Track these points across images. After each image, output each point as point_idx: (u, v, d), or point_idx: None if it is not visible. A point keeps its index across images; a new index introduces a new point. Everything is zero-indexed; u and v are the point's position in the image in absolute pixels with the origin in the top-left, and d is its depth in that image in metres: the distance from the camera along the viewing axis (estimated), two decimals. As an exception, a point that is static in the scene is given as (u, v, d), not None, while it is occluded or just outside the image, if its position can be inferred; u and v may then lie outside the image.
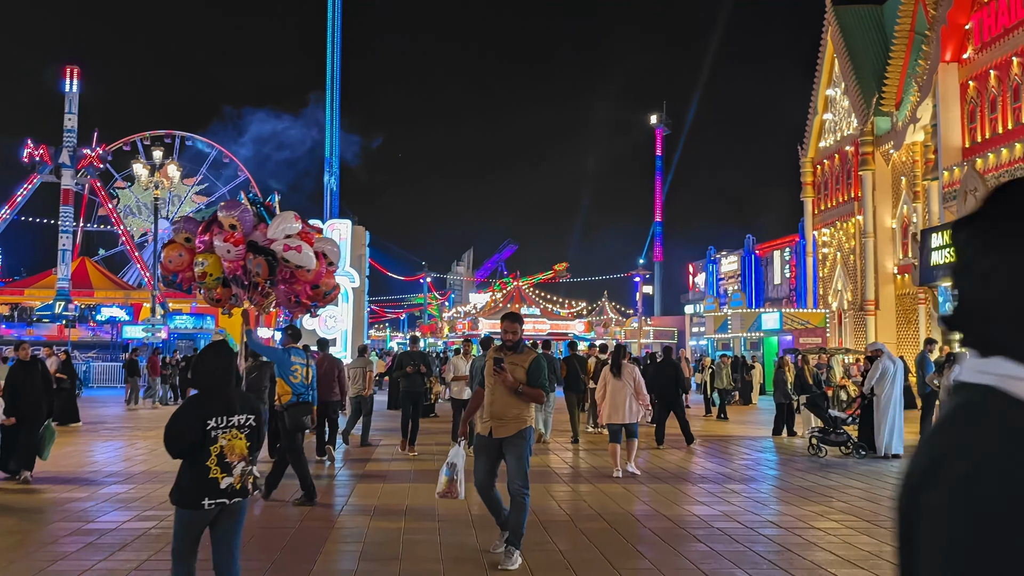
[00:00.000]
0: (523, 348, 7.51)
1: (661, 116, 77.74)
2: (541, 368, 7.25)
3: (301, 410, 9.97)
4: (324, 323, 28.49)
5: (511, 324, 7.43)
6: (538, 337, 43.16)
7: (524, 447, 7.19)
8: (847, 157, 38.16)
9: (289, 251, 9.82)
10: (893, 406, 13.98)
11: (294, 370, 10.13)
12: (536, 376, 7.21)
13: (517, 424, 7.18)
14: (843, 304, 38.09)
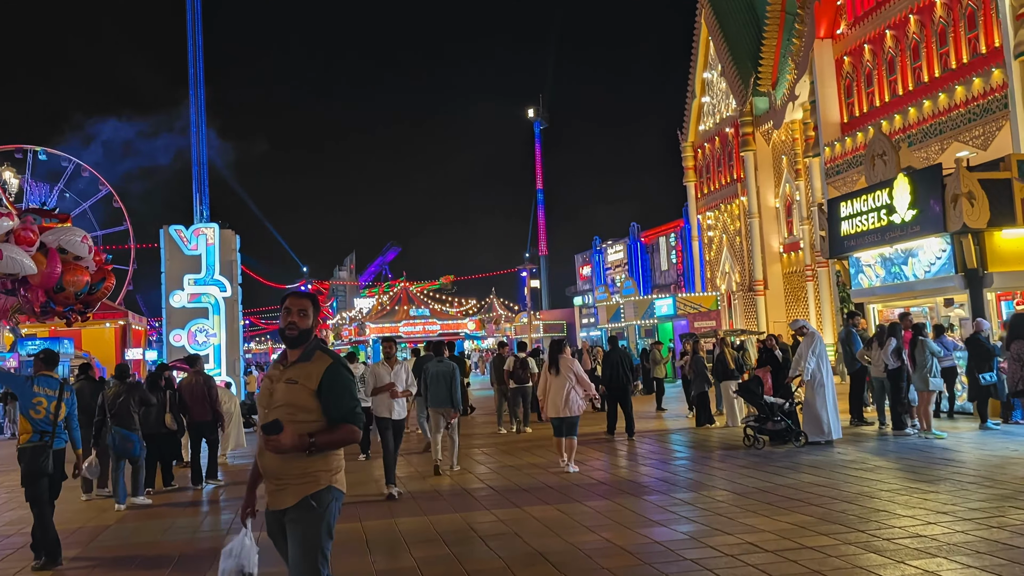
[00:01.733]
0: (314, 351, 4.33)
1: (538, 110, 76.65)
2: (344, 385, 4.26)
3: (38, 453, 7.90)
4: (194, 337, 25.50)
5: (297, 301, 4.37)
6: (429, 338, 40.99)
7: (317, 526, 4.19)
8: (727, 139, 37.52)
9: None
10: (829, 387, 12.57)
11: (37, 402, 7.98)
12: (339, 400, 4.23)
13: (304, 484, 4.20)
14: (732, 286, 37.45)
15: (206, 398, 12.29)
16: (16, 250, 8.18)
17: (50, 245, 8.68)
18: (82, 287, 9.12)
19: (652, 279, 46.22)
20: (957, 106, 23.13)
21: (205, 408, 12.29)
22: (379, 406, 10.82)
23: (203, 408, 12.28)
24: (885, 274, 16.63)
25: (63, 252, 8.90)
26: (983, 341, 13.00)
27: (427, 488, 11.13)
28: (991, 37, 22.54)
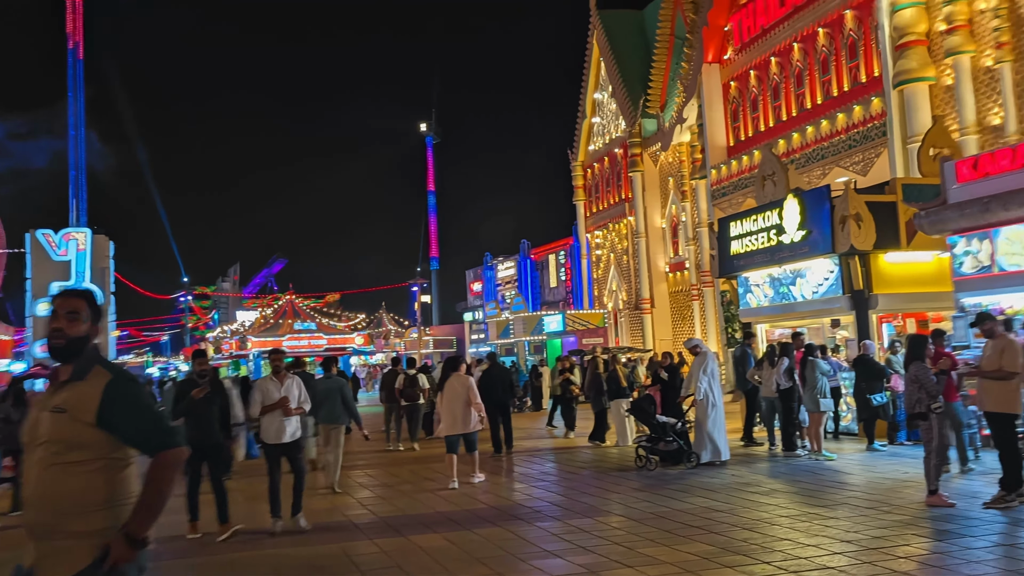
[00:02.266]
0: (89, 367, 3.25)
1: (431, 124, 75.91)
2: (136, 403, 3.21)
3: None
4: (57, 351, 23.59)
5: (66, 302, 3.34)
6: (316, 353, 39.51)
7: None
8: (616, 159, 37.73)
9: None
10: (720, 407, 12.30)
11: None
12: (138, 423, 3.20)
13: (71, 550, 3.07)
14: (619, 304, 37.57)
15: None
16: None
17: None
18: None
19: (542, 296, 46.10)
20: (839, 132, 23.68)
21: None
22: (267, 429, 9.19)
23: None
24: (773, 294, 16.66)
25: None
26: (873, 361, 13.01)
27: (307, 513, 10.18)
28: (871, 67, 23.19)
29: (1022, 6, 18.61)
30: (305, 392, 9.56)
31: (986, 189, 12.25)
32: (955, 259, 13.02)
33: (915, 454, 12.29)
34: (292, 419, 9.29)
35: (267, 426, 9.25)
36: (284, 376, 9.42)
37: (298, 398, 9.35)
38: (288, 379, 9.42)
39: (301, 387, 9.49)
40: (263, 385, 9.37)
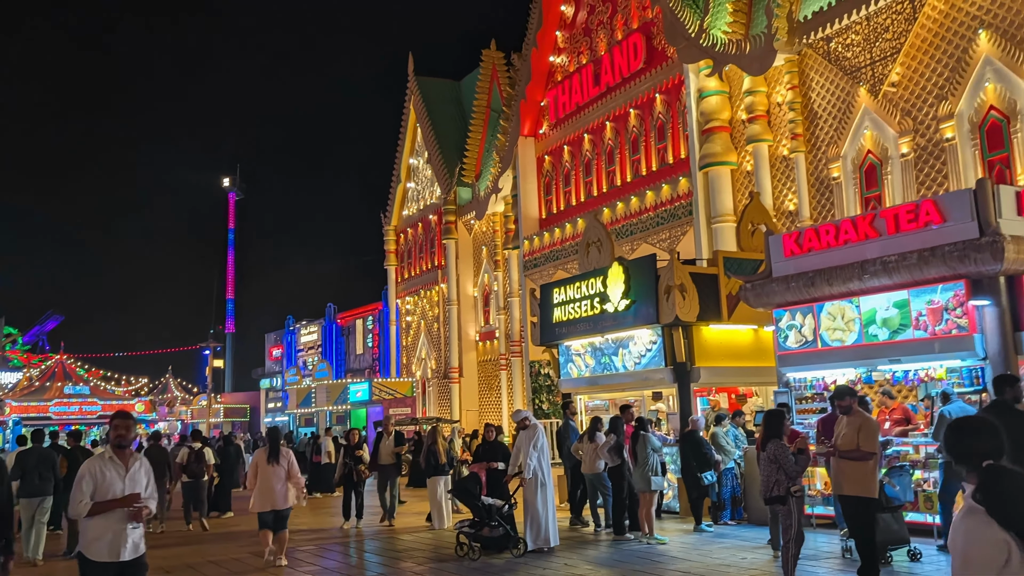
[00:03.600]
0: None
1: (235, 179, 71.99)
2: None
3: None
4: None
5: None
6: (87, 421, 35.01)
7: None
8: (430, 226, 36.74)
9: None
10: (550, 486, 11.07)
11: None
12: None
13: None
14: (427, 372, 36.11)
15: None
16: None
17: None
18: None
19: (347, 363, 43.80)
20: (648, 209, 23.86)
21: None
22: (96, 539, 6.02)
23: None
24: (595, 364, 15.86)
25: None
26: (700, 440, 12.31)
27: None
28: (678, 149, 23.63)
29: (814, 101, 19.49)
30: (154, 482, 6.49)
31: (811, 264, 12.04)
32: (779, 332, 12.70)
33: (744, 535, 11.59)
34: (137, 525, 6.16)
35: (96, 534, 6.03)
36: (130, 456, 6.28)
37: (146, 488, 6.28)
38: (135, 460, 6.30)
39: (150, 474, 6.44)
40: (95, 468, 6.13)
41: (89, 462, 6.20)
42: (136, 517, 6.05)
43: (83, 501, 5.91)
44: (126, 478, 6.10)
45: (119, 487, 6.03)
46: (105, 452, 6.19)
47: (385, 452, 14.79)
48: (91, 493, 5.95)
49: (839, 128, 18.69)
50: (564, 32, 28.63)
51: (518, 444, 11.18)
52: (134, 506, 6.02)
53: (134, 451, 6.39)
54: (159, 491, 10.83)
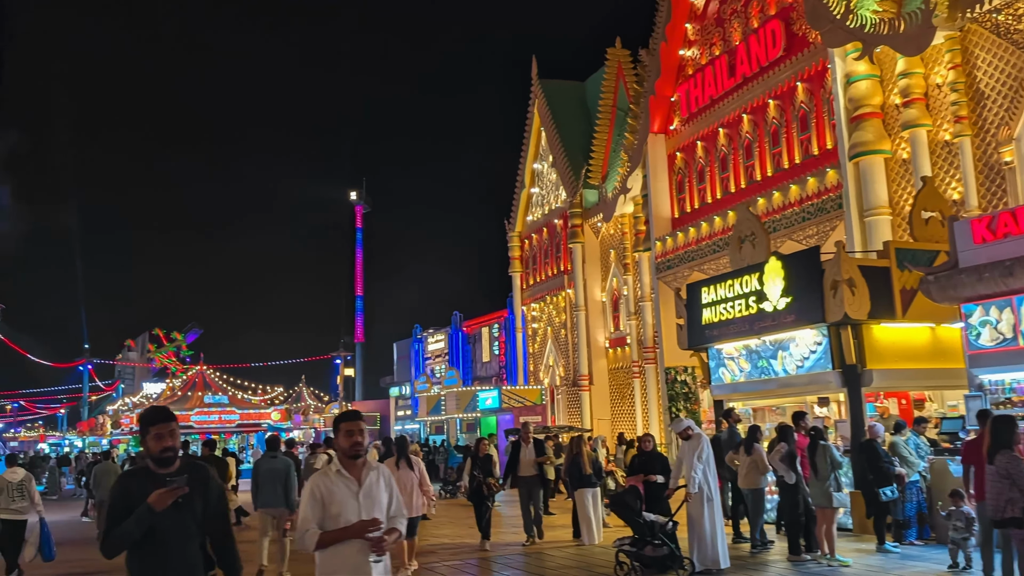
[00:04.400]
0: None
1: (361, 193, 73.60)
2: None
3: None
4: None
5: None
6: (227, 428, 36.15)
7: None
8: (556, 230, 36.11)
9: None
10: (718, 502, 10.12)
11: None
12: None
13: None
14: (555, 380, 35.44)
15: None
16: None
17: None
18: None
19: (473, 371, 43.66)
20: (791, 204, 22.40)
21: None
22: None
23: None
24: (751, 368, 14.73)
25: None
26: (879, 450, 11.06)
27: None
28: (823, 139, 22.15)
29: (981, 80, 17.74)
30: (399, 496, 5.04)
31: (1007, 251, 10.65)
32: (969, 329, 11.31)
33: (935, 557, 10.29)
34: (381, 558, 4.72)
35: (329, 569, 4.67)
36: (363, 468, 4.81)
37: (389, 505, 4.86)
38: (369, 472, 4.82)
39: (392, 487, 4.94)
40: (320, 487, 4.73)
41: (314, 479, 4.73)
42: (378, 548, 4.57)
43: (309, 530, 4.58)
44: (360, 495, 4.64)
45: (352, 508, 4.60)
46: (332, 464, 4.73)
47: (525, 463, 14.05)
48: (319, 519, 4.59)
49: (1011, 108, 16.90)
50: (695, 24, 27.46)
51: (680, 456, 10.29)
52: (373, 534, 4.55)
53: (367, 460, 4.78)
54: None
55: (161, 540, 4.33)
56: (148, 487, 4.29)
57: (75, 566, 12.91)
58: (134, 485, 4.37)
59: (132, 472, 4.58)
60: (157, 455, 4.40)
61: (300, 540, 4.61)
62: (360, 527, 4.55)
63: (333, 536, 4.55)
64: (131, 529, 4.24)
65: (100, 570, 12.32)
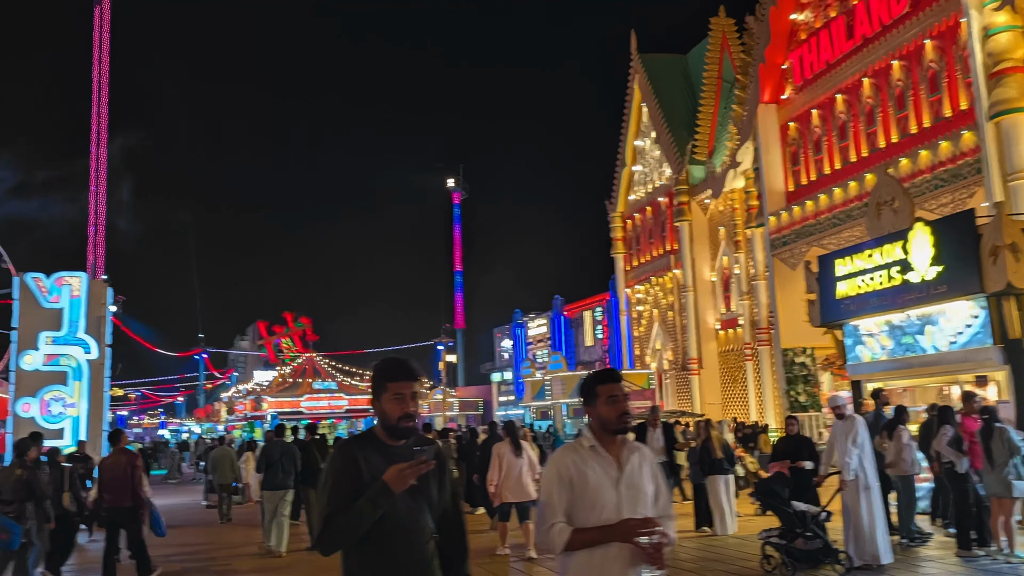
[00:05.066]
0: None
1: (458, 179, 73.75)
2: None
3: None
4: (47, 407, 20.64)
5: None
6: (335, 414, 36.56)
7: None
8: (660, 209, 34.97)
9: None
10: (876, 490, 9.14)
11: None
12: None
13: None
14: (663, 364, 34.39)
15: (128, 479, 9.99)
16: None
17: None
18: None
19: (576, 355, 42.97)
20: (922, 171, 20.80)
21: (125, 491, 9.99)
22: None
23: (123, 491, 9.99)
24: (893, 345, 13.52)
25: None
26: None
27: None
28: (956, 99, 20.48)
29: None
30: (666, 489, 3.76)
31: None
32: None
33: None
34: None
35: None
36: (623, 446, 3.60)
37: (655, 498, 3.59)
38: (631, 453, 3.60)
39: (658, 475, 3.66)
40: (569, 466, 3.46)
41: (560, 456, 3.48)
42: (657, 560, 3.24)
43: (555, 524, 3.33)
44: (621, 483, 3.38)
45: (609, 500, 3.34)
46: (583, 439, 3.46)
47: (652, 448, 13.28)
48: (567, 509, 3.34)
49: None
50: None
51: (831, 439, 9.34)
52: (647, 539, 3.20)
53: (627, 439, 3.54)
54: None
55: (391, 533, 3.21)
56: (379, 462, 3.20)
57: (185, 549, 12.87)
58: (362, 456, 3.24)
59: (358, 440, 3.39)
60: (395, 422, 3.26)
61: (543, 536, 3.35)
62: (629, 528, 3.21)
63: (591, 537, 3.26)
64: (362, 515, 3.13)
65: (207, 554, 12.24)
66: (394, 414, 3.27)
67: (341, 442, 3.54)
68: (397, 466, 3.13)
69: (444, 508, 3.40)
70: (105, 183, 59.85)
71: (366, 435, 3.39)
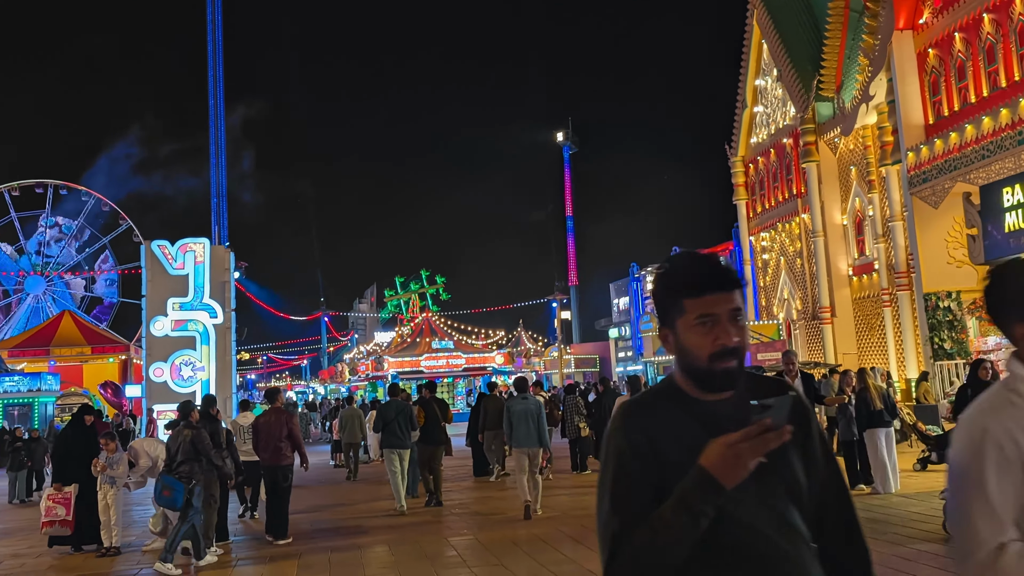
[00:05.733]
0: None
1: (567, 133, 72.57)
2: None
3: None
4: (178, 372, 21.28)
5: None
6: (454, 373, 36.69)
7: None
8: (785, 151, 33.14)
9: None
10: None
11: None
12: None
13: None
14: (791, 314, 32.84)
15: (285, 438, 10.21)
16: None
17: None
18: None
19: (697, 308, 41.66)
20: (1087, 91, 18.68)
21: (280, 450, 10.21)
22: None
23: (278, 450, 10.20)
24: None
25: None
26: None
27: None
28: None
29: None
30: None
31: None
32: None
33: None
34: None
35: None
36: None
37: None
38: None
39: None
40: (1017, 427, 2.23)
41: (991, 413, 1.89)
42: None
43: (1008, 545, 1.78)
44: None
45: None
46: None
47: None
48: (1017, 511, 1.81)
49: None
50: None
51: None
52: None
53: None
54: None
55: (732, 554, 1.86)
56: (690, 433, 1.88)
57: (314, 510, 12.87)
58: (658, 426, 1.92)
59: (648, 399, 2.02)
60: (705, 363, 1.90)
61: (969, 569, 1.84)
62: None
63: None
64: (673, 532, 1.78)
65: (336, 514, 12.16)
66: (703, 349, 1.89)
67: (622, 406, 2.04)
68: (723, 439, 1.77)
69: (822, 495, 2.00)
70: (224, 155, 61.76)
71: (661, 389, 2.03)
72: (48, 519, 9.71)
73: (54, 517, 9.67)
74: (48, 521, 9.72)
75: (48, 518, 9.71)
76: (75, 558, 9.82)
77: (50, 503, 9.72)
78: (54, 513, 9.66)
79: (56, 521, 9.67)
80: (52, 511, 9.67)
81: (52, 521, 9.70)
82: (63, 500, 9.72)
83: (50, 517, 9.69)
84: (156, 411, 20.22)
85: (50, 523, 9.72)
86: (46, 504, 9.74)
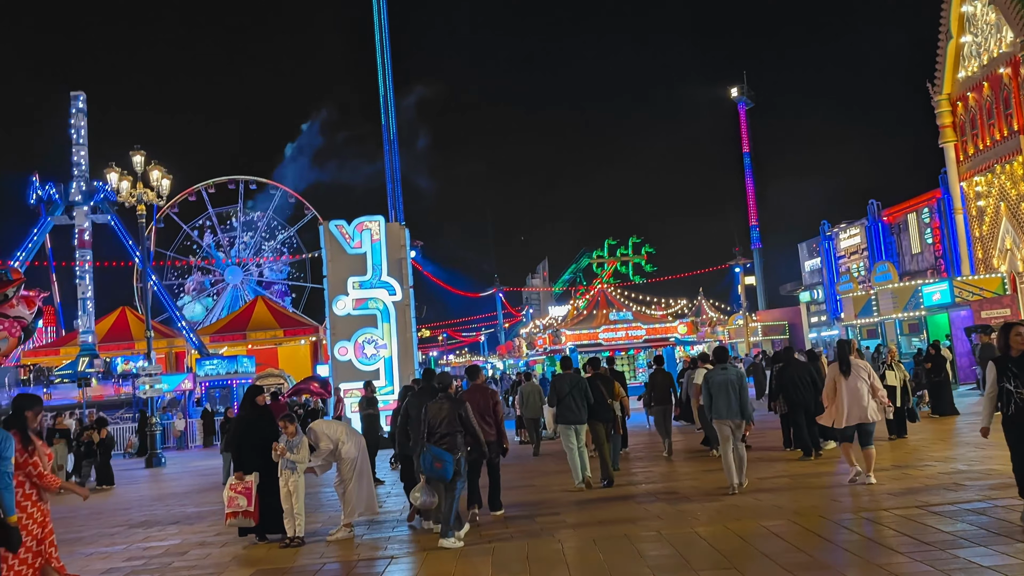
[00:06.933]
0: None
1: (742, 87, 68.50)
2: None
3: None
4: (361, 350, 21.14)
5: None
6: (634, 344, 35.19)
7: None
8: (1002, 82, 29.15)
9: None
10: None
11: None
12: None
13: None
14: (1016, 265, 28.98)
15: (489, 414, 10.29)
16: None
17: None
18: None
19: (900, 265, 37.88)
20: None
21: (489, 426, 10.25)
22: None
23: (487, 426, 10.20)
24: None
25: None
26: None
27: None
28: None
29: None
30: None
31: None
32: None
33: None
34: None
35: None
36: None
37: None
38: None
39: None
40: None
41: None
42: None
43: None
44: None
45: None
46: None
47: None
48: None
49: None
50: None
51: None
52: None
53: None
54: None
55: None
56: None
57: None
58: None
59: None
60: None
61: None
62: None
63: None
64: None
65: (524, 493, 11.20)
66: None
67: None
68: None
69: None
70: (396, 139, 62.67)
71: None
72: (231, 510, 9.29)
73: (236, 508, 9.23)
74: (232, 512, 9.29)
75: (231, 509, 9.28)
76: (259, 549, 9.32)
77: (232, 493, 9.28)
78: (236, 504, 9.22)
79: (239, 512, 9.23)
80: (234, 501, 9.24)
81: (235, 512, 9.26)
82: (244, 490, 9.25)
83: (233, 508, 9.26)
84: (343, 390, 20.16)
85: (233, 514, 9.29)
86: (228, 494, 9.31)
